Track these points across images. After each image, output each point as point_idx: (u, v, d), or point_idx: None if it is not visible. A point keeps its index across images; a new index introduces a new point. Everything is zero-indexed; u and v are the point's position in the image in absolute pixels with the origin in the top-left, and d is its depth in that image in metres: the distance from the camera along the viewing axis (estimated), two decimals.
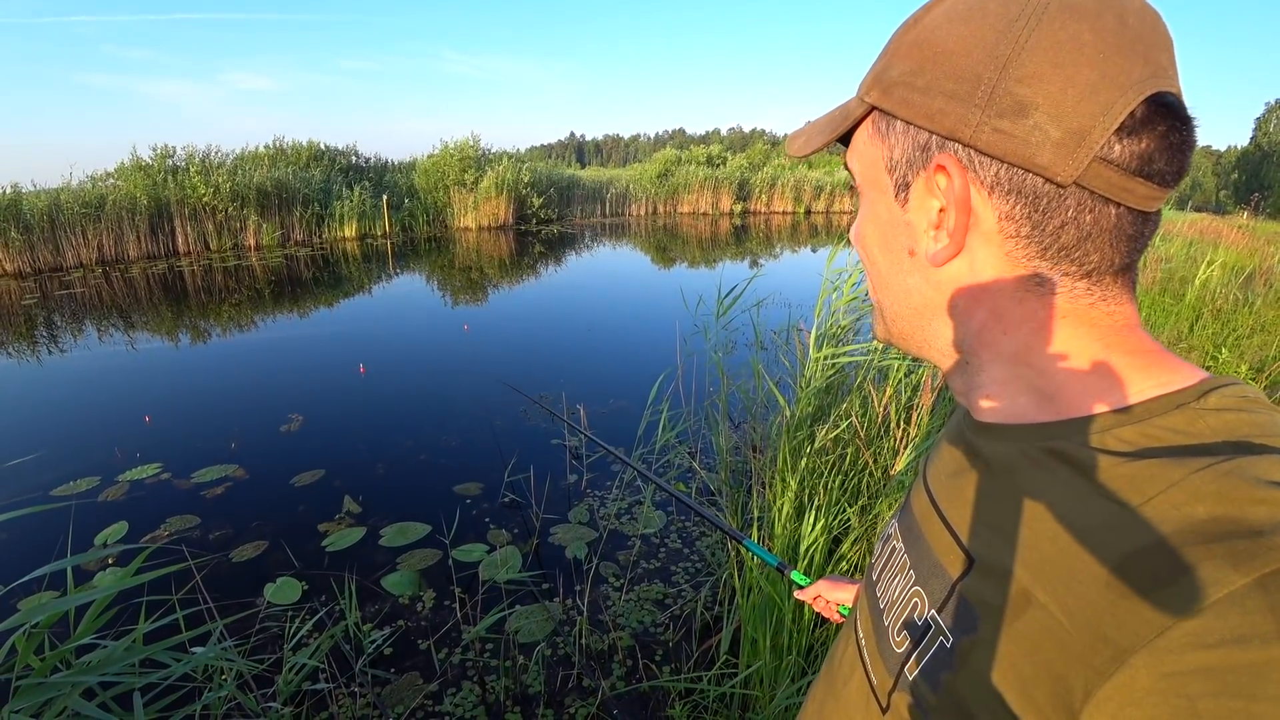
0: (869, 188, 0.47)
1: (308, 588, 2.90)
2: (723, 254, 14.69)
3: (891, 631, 0.49)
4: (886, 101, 0.43)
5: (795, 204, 25.87)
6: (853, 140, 0.48)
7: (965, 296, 0.43)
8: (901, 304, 0.47)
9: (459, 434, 4.54)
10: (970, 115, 0.38)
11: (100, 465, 4.09)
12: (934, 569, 0.46)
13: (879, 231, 0.47)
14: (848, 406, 2.67)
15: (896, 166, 0.44)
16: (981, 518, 0.43)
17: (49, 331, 8.00)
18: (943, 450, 0.53)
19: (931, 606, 0.44)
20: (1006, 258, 0.40)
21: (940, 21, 0.40)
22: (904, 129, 0.42)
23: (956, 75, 0.39)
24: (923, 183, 0.42)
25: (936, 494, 0.50)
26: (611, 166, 56.02)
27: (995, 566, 0.40)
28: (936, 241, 0.42)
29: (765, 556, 1.07)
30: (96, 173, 13.91)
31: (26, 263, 11.80)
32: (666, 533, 3.26)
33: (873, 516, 2.08)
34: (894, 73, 0.42)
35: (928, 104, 0.40)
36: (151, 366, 6.54)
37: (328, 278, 11.67)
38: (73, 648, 1.25)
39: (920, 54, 0.41)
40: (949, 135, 0.40)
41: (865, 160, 0.46)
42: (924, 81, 0.40)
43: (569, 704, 2.25)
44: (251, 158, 16.30)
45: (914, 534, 0.51)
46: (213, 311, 8.85)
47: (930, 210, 0.42)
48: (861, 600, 0.58)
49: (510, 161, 19.03)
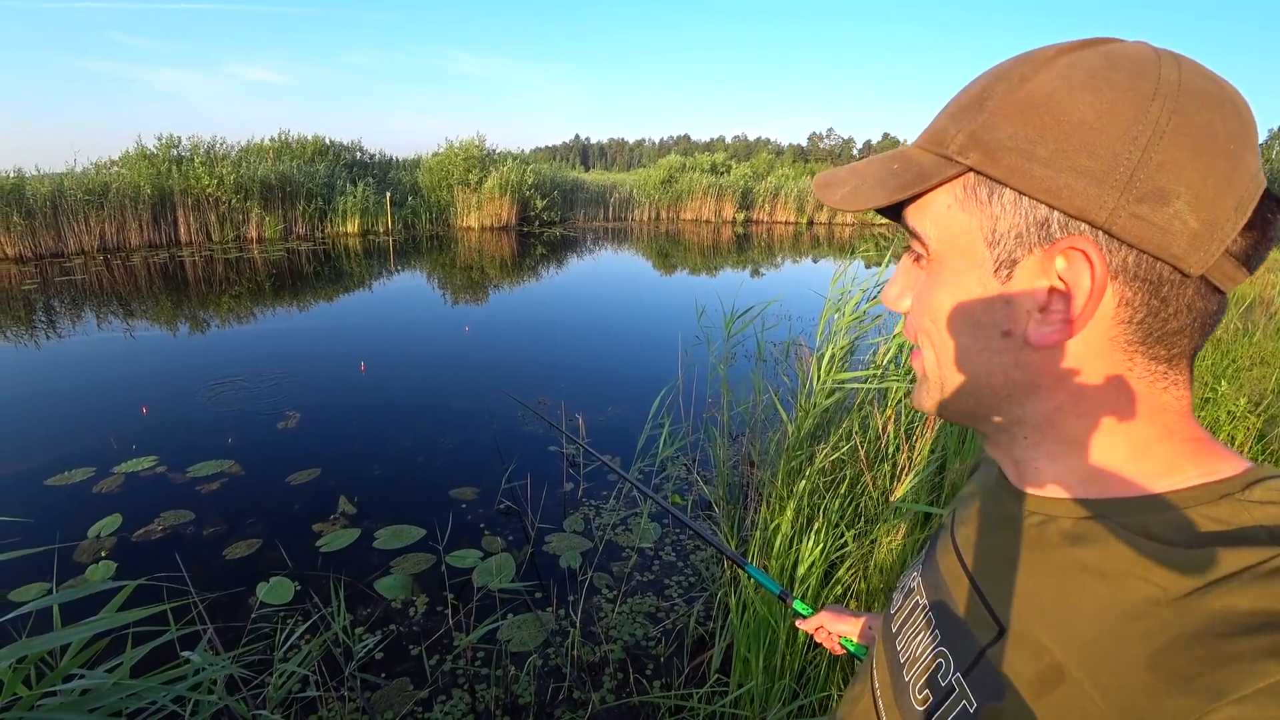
0: (954, 257, 0.43)
1: (300, 588, 2.89)
2: (724, 262, 14.72)
3: (912, 688, 0.49)
4: (994, 168, 0.39)
5: (798, 214, 25.91)
6: (927, 202, 0.44)
7: (1054, 379, 0.41)
8: (977, 383, 0.44)
9: (457, 437, 4.53)
10: (1106, 197, 0.36)
11: (96, 456, 4.08)
12: (961, 632, 0.46)
13: (964, 307, 0.43)
14: (847, 426, 2.67)
15: (1001, 240, 0.40)
16: (1014, 587, 0.42)
17: (48, 317, 7.99)
18: (974, 511, 0.52)
19: (957, 669, 0.44)
20: (1109, 342, 0.39)
21: (1058, 85, 0.37)
22: (1015, 200, 0.39)
23: (1090, 151, 0.36)
24: (1035, 261, 0.39)
25: (966, 556, 0.49)
26: (616, 170, 56.12)
27: (1027, 637, 0.40)
28: (1045, 324, 0.39)
29: (767, 584, 1.07)
30: (101, 160, 13.94)
31: (28, 247, 11.81)
32: (661, 545, 3.26)
33: (869, 542, 2.08)
34: (1002, 135, 0.39)
35: (1052, 178, 0.37)
36: (150, 356, 6.53)
37: (329, 272, 11.68)
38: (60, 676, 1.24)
39: (1039, 120, 0.38)
40: (1078, 215, 0.37)
41: (950, 227, 0.42)
42: (1046, 152, 0.37)
43: (559, 716, 2.25)
44: (256, 150, 16.34)
45: (940, 593, 0.50)
46: (213, 302, 8.85)
47: (1038, 290, 0.39)
48: (878, 650, 0.58)
49: (515, 163, 19.08)
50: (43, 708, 1.21)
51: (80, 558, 3.10)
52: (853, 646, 0.95)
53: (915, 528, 2.07)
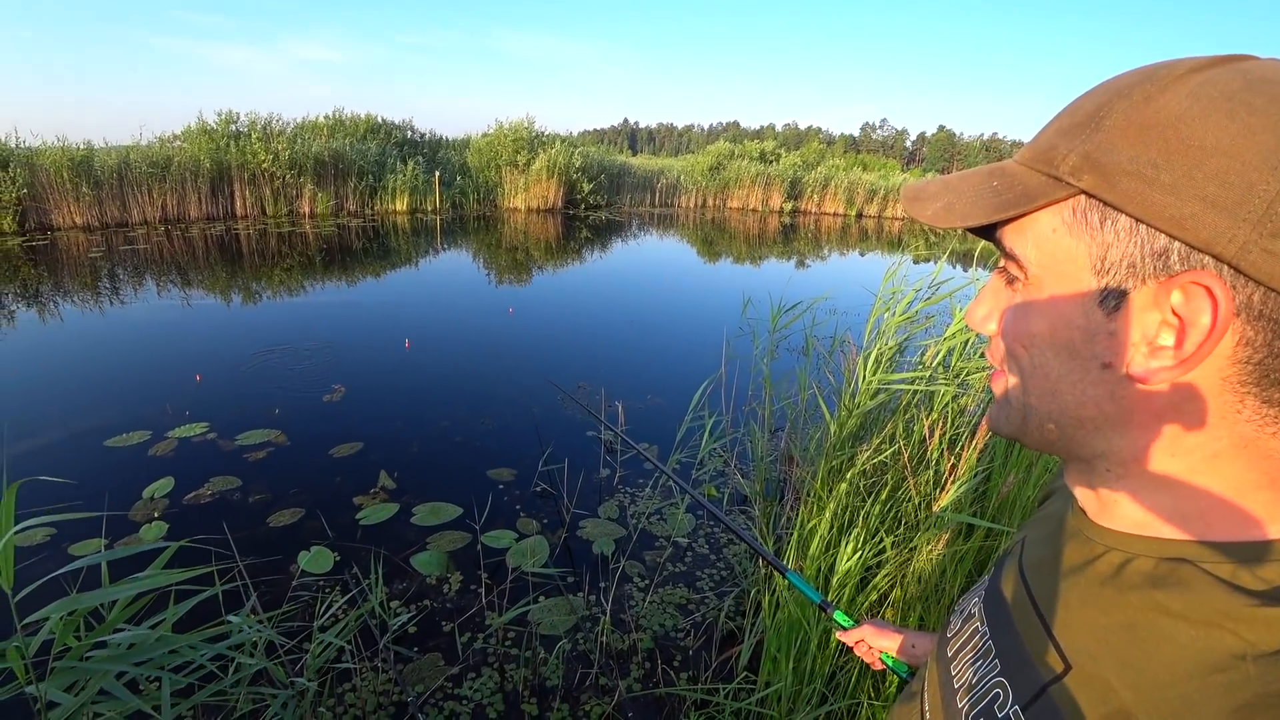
0: (1055, 282, 0.41)
1: (339, 559, 2.96)
2: (770, 252, 14.54)
3: (965, 716, 0.48)
4: (1110, 192, 0.37)
5: (847, 206, 25.43)
6: (1029, 223, 0.41)
7: (1150, 415, 0.39)
8: (1065, 413, 0.42)
9: (496, 418, 4.58)
10: (1237, 231, 0.33)
11: (152, 420, 4.24)
12: (1023, 663, 0.44)
13: (1061, 335, 0.41)
14: (891, 429, 2.61)
15: (1111, 269, 0.38)
16: (1085, 623, 0.41)
17: (112, 284, 8.33)
18: (1045, 540, 0.50)
19: (1015, 702, 0.43)
20: (1221, 381, 0.36)
21: (1188, 107, 0.35)
22: (1131, 228, 0.37)
23: (1221, 179, 0.33)
24: (1149, 293, 0.37)
25: (1034, 586, 0.47)
26: (663, 155, 55.86)
27: (1094, 678, 0.38)
28: (1153, 359, 0.37)
29: (809, 592, 1.05)
30: (164, 134, 14.41)
31: (95, 217, 12.30)
32: (695, 537, 3.25)
33: (909, 549, 2.04)
34: (1122, 158, 0.36)
35: (1175, 206, 0.35)
36: (205, 325, 6.76)
37: (378, 249, 11.90)
38: (108, 629, 1.29)
39: (1164, 143, 0.35)
40: (1203, 248, 0.34)
41: (1054, 252, 0.40)
42: (1171, 178, 0.35)
43: (585, 701, 2.27)
44: (311, 127, 16.69)
45: (1003, 620, 0.49)
46: (266, 275, 9.10)
47: (1149, 324, 0.37)
48: (931, 671, 0.57)
49: (563, 145, 19.10)
50: (92, 658, 1.26)
51: (135, 517, 3.23)
52: (892, 662, 0.93)
53: (957, 538, 2.01)
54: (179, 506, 3.34)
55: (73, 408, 4.47)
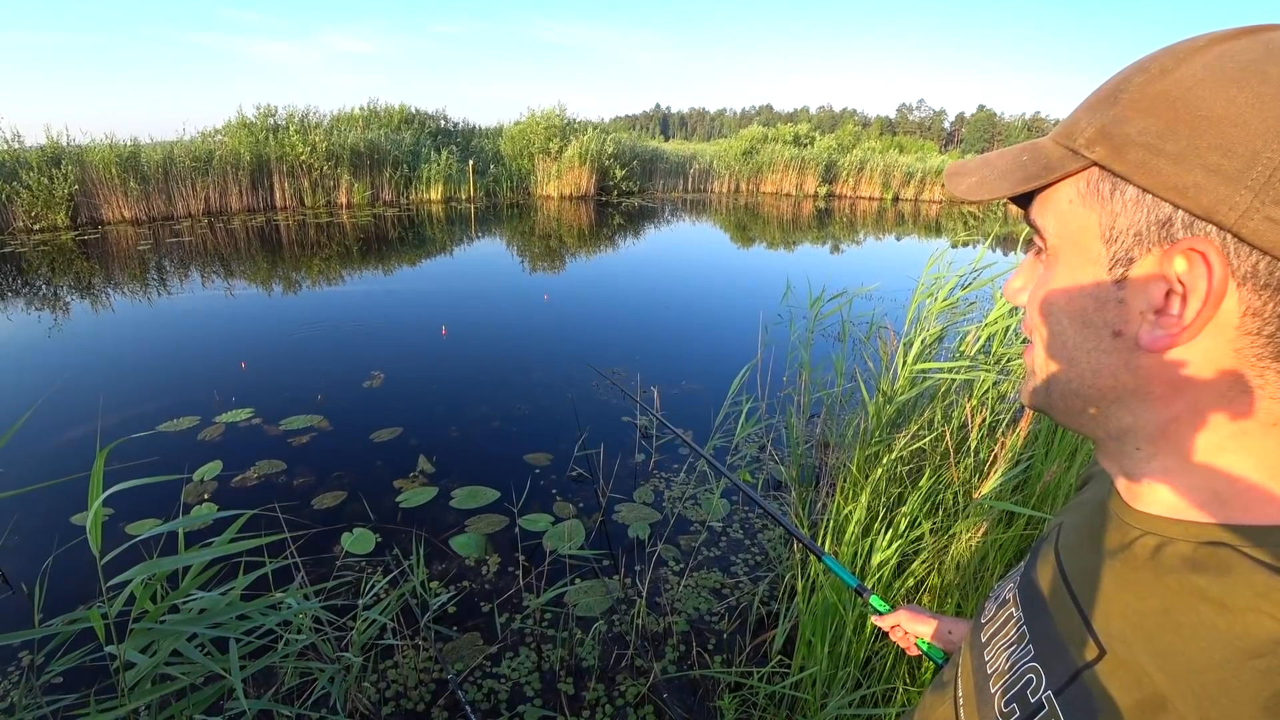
0: (1070, 252, 0.42)
1: (381, 540, 3.04)
2: (805, 237, 14.38)
3: (997, 701, 0.47)
4: (1119, 162, 0.38)
5: (883, 190, 24.96)
6: (1050, 195, 0.43)
7: (1167, 387, 0.39)
8: (1083, 382, 0.43)
9: (532, 403, 4.64)
10: (1238, 198, 0.33)
11: (200, 405, 4.39)
12: (1056, 649, 0.44)
13: (1075, 304, 0.42)
14: (929, 415, 2.58)
15: (1119, 238, 0.39)
16: (1120, 608, 0.40)
17: (159, 275, 8.60)
18: (1081, 524, 0.49)
19: (1049, 687, 0.43)
20: (1235, 354, 0.36)
21: (1202, 77, 0.35)
22: (1137, 197, 0.37)
23: (1225, 148, 0.34)
24: (1153, 261, 0.37)
25: (1069, 571, 0.47)
26: (696, 140, 55.41)
27: (1129, 662, 0.38)
28: (1159, 327, 0.38)
29: (844, 576, 1.05)
30: (206, 129, 14.77)
31: (142, 211, 12.70)
32: (730, 522, 3.26)
33: (947, 538, 2.01)
34: (1131, 129, 0.37)
35: (1179, 175, 0.35)
36: (248, 314, 6.94)
37: (413, 238, 12.07)
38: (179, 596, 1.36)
39: (1173, 113, 0.36)
40: (1204, 215, 0.35)
41: (1070, 222, 0.42)
42: (1176, 148, 0.35)
43: (620, 681, 2.30)
44: (346, 119, 16.94)
45: (1037, 605, 0.48)
46: (305, 265, 9.31)
47: (1154, 292, 0.38)
48: (965, 658, 0.56)
49: (595, 132, 19.09)
50: (166, 622, 1.32)
51: (186, 498, 3.35)
52: (927, 647, 0.93)
53: (995, 526, 1.99)
54: (226, 489, 3.46)
55: (127, 394, 4.65)
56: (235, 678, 1.38)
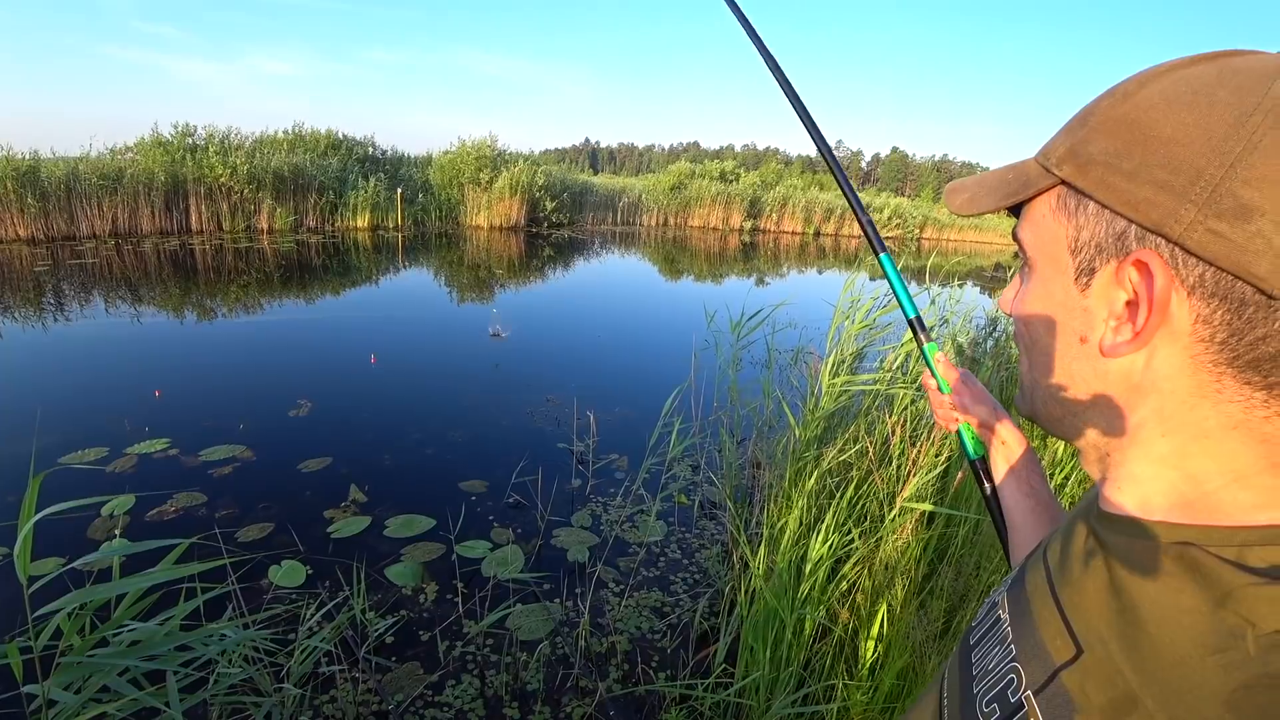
0: (1044, 264, 0.45)
1: (312, 572, 2.95)
2: (731, 270, 14.80)
3: (980, 702, 0.48)
4: (1082, 179, 0.41)
5: (805, 225, 26.03)
6: (1029, 210, 0.46)
7: (1132, 392, 0.41)
8: (1058, 388, 0.46)
9: (467, 430, 4.59)
10: (1183, 212, 0.36)
11: (109, 436, 4.13)
12: (1037, 650, 0.44)
13: (1047, 311, 0.45)
14: (854, 430, 2.73)
15: (1082, 249, 0.42)
16: (1097, 609, 0.41)
17: (57, 299, 8.05)
18: (1066, 527, 0.50)
19: (1028, 687, 0.43)
20: (1191, 361, 0.38)
21: (1157, 101, 0.38)
22: (1098, 212, 0.40)
23: (1172, 165, 0.36)
24: (1111, 272, 0.40)
25: (1053, 573, 0.48)
26: (625, 175, 56.26)
27: (1104, 662, 0.39)
28: (1116, 334, 0.40)
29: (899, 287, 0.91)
30: (116, 146, 14.02)
31: (40, 229, 11.88)
32: (667, 543, 3.32)
33: (875, 540, 2.14)
34: (1094, 149, 0.40)
35: (1132, 191, 0.38)
36: (160, 341, 6.60)
37: (338, 265, 11.76)
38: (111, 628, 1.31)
39: (1130, 134, 0.39)
40: (1153, 228, 0.37)
41: (1043, 235, 0.45)
42: (1131, 166, 0.38)
43: (566, 703, 2.31)
44: (270, 142, 16.41)
45: (1023, 609, 0.49)
46: (222, 291, 8.92)
47: (1114, 301, 0.40)
48: (953, 660, 0.57)
49: (525, 164, 19.16)
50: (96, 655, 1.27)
51: (94, 534, 3.16)
52: (969, 436, 0.81)
53: (920, 527, 2.13)
54: (141, 523, 3.27)
55: (17, 424, 4.32)
56: (175, 711, 1.34)
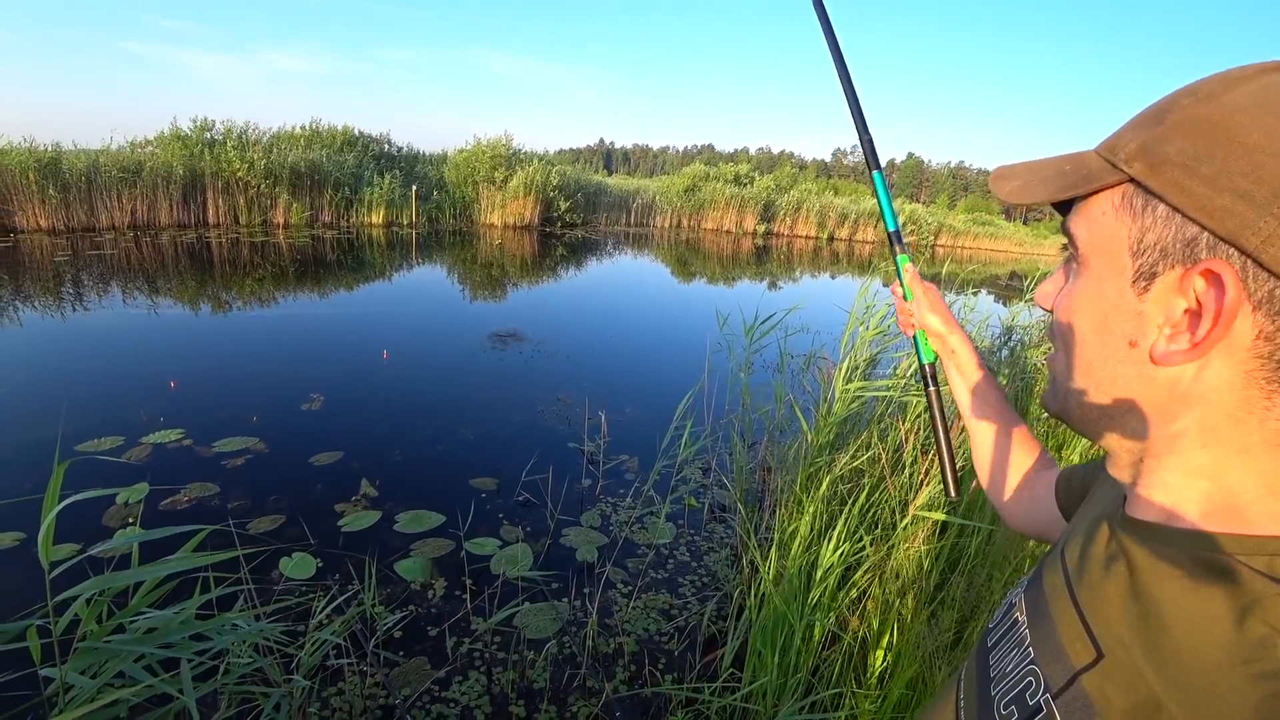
0: (1099, 262, 0.44)
1: (322, 565, 2.96)
2: (744, 273, 14.77)
3: (998, 705, 0.48)
4: (1154, 180, 0.39)
5: (819, 229, 25.93)
6: (1086, 205, 0.45)
7: (1178, 402, 0.40)
8: (1099, 390, 0.45)
9: (477, 428, 4.61)
10: (1263, 224, 0.34)
11: (124, 425, 4.17)
12: (1056, 653, 0.44)
13: (1097, 311, 0.44)
14: (867, 437, 2.72)
15: (1145, 252, 0.40)
16: (1119, 613, 0.41)
17: (76, 289, 8.15)
18: (1085, 529, 0.50)
19: (1047, 690, 0.43)
20: (1245, 375, 0.37)
21: (1245, 105, 0.37)
22: (1168, 215, 0.39)
23: (1256, 175, 0.35)
24: (1175, 278, 0.39)
25: (1072, 576, 0.47)
26: (639, 176, 56.35)
27: (1126, 666, 0.38)
28: (1171, 342, 0.39)
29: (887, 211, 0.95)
30: (136, 139, 14.18)
31: (61, 220, 12.03)
32: (676, 545, 3.32)
33: (887, 548, 2.13)
34: (1170, 149, 0.39)
35: (1210, 197, 0.36)
36: (176, 332, 6.65)
37: (352, 261, 11.84)
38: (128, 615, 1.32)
39: (1212, 137, 0.37)
40: (1228, 238, 0.36)
41: (1101, 233, 0.43)
42: (1210, 171, 0.37)
43: (572, 702, 2.31)
44: (288, 137, 16.54)
45: (1040, 611, 0.49)
46: (237, 284, 9.00)
47: (1173, 308, 0.39)
48: (970, 661, 0.57)
49: (540, 163, 19.22)
50: (112, 641, 1.28)
51: (109, 522, 3.19)
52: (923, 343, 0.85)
53: (933, 536, 2.12)
54: (154, 512, 3.31)
55: (33, 411, 4.38)
56: (189, 698, 1.35)
